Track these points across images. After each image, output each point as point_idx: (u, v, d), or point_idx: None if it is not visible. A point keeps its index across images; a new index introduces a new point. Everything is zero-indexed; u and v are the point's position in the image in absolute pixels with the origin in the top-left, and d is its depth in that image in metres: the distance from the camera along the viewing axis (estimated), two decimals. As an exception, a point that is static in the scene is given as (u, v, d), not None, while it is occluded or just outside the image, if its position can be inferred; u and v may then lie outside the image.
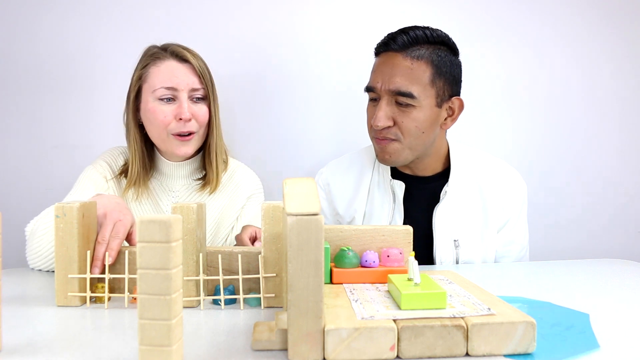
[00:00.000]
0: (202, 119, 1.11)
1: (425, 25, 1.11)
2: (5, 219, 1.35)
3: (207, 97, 1.12)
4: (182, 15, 1.51)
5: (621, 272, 0.98)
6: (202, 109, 1.11)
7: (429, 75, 1.06)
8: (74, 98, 1.52)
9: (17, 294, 0.81)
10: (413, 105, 1.06)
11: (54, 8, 1.50)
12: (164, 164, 1.18)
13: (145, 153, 1.15)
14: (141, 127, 1.14)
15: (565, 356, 0.54)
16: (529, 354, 0.54)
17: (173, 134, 1.10)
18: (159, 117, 1.08)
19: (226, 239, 1.22)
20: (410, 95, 1.05)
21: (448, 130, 1.18)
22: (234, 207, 1.21)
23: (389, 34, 1.11)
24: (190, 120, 1.09)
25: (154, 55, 1.11)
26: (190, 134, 1.11)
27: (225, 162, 1.23)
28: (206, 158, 1.17)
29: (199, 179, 1.19)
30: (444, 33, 1.11)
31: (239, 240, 1.02)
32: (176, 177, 1.19)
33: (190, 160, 1.19)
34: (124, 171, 1.16)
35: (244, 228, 1.05)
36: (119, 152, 1.20)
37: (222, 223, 1.20)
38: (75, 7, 1.50)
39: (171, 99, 1.09)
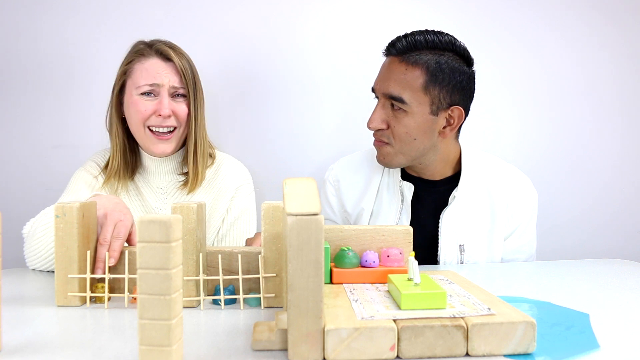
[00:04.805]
0: (181, 116, 1.14)
1: (434, 28, 1.09)
2: (5, 219, 1.35)
3: (188, 95, 1.14)
4: (184, 16, 1.51)
5: (621, 272, 0.98)
6: (181, 107, 1.14)
7: (422, 82, 1.05)
8: (74, 98, 1.52)
9: (16, 294, 0.81)
10: (405, 111, 1.06)
11: (54, 8, 1.50)
12: (147, 159, 1.19)
13: (128, 147, 1.18)
14: (123, 122, 1.16)
15: (565, 356, 0.54)
16: (529, 354, 0.54)
17: (150, 128, 1.12)
18: (139, 110, 1.11)
19: (217, 232, 1.22)
20: (401, 100, 1.06)
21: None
22: (222, 199, 1.22)
23: (395, 38, 1.10)
24: (169, 116, 1.12)
25: (139, 51, 1.14)
26: (171, 131, 1.13)
27: (212, 157, 1.24)
28: (187, 156, 1.19)
29: (184, 174, 1.20)
30: (454, 39, 1.07)
31: (249, 244, 1.02)
32: (160, 173, 1.20)
33: (173, 155, 1.20)
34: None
35: (257, 234, 1.05)
36: (107, 153, 1.20)
37: (212, 216, 1.21)
38: (75, 7, 1.50)
39: (152, 94, 1.12)
